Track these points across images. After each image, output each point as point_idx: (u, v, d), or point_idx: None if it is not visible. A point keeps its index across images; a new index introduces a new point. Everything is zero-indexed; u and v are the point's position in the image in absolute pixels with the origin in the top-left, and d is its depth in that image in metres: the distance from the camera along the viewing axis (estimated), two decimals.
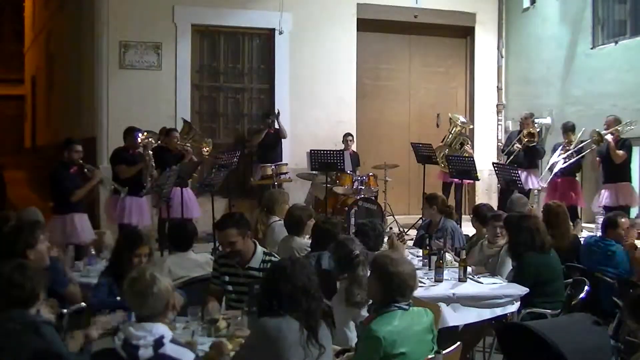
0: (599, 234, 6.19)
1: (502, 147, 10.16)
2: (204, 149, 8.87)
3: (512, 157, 9.61)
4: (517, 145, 9.61)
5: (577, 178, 9.14)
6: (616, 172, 8.41)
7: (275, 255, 4.75)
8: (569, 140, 8.95)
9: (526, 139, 9.56)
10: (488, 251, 5.72)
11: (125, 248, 4.38)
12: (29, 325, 3.22)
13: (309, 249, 5.51)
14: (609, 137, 8.32)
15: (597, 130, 8.45)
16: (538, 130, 9.88)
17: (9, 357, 3.16)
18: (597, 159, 8.59)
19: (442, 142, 10.48)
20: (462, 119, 10.69)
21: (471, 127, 11.31)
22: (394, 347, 3.39)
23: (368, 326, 3.47)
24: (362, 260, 4.17)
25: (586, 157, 8.89)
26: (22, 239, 4.25)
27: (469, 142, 10.55)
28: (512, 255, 5.32)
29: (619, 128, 8.38)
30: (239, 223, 4.40)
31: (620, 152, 8.29)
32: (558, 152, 9.02)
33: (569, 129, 9.04)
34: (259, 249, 4.51)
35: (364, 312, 3.92)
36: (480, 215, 6.20)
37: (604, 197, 8.41)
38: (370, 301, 3.75)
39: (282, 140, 10.39)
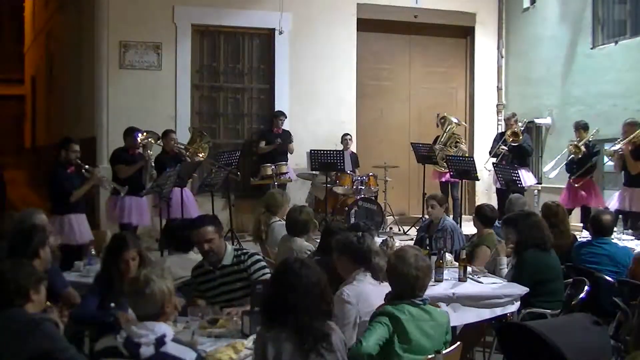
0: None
1: (489, 150, 10.13)
2: (200, 153, 8.87)
3: (499, 158, 9.64)
4: (503, 147, 9.63)
5: (593, 178, 8.99)
6: (634, 177, 8.15)
7: (246, 249, 4.79)
8: (580, 139, 8.88)
9: (511, 139, 9.57)
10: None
11: (111, 254, 4.32)
12: (29, 324, 3.24)
13: (309, 251, 5.52)
14: (623, 147, 8.09)
15: (610, 150, 8.28)
16: (522, 129, 9.86)
17: (12, 356, 3.17)
18: (620, 161, 8.29)
19: (434, 142, 10.45)
20: (454, 118, 10.70)
21: (464, 125, 11.30)
22: (400, 329, 3.50)
23: (378, 309, 3.61)
24: (377, 251, 4.25)
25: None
26: (38, 236, 4.26)
27: (463, 141, 10.58)
28: (516, 251, 5.31)
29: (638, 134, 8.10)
30: (214, 222, 4.52)
31: (638, 162, 8.03)
32: (567, 152, 8.99)
33: (581, 127, 8.92)
34: (229, 247, 4.59)
35: None
36: (482, 215, 6.18)
37: (617, 200, 8.29)
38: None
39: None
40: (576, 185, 8.84)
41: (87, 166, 7.36)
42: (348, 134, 10.64)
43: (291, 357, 3.10)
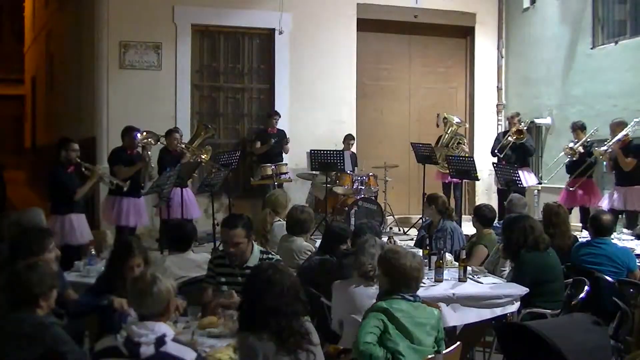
0: None
1: (490, 149, 10.16)
2: (202, 155, 8.87)
3: (502, 155, 9.65)
4: (510, 138, 9.63)
5: (592, 178, 9.02)
6: (627, 176, 8.29)
7: (273, 253, 4.76)
8: (578, 139, 8.90)
9: (515, 137, 9.59)
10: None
11: (116, 259, 4.29)
12: (39, 326, 3.26)
13: (309, 251, 5.52)
14: (615, 147, 8.24)
15: (601, 150, 8.38)
16: (525, 128, 9.89)
17: (22, 357, 3.19)
18: (610, 161, 8.49)
19: (437, 143, 10.48)
20: (456, 119, 10.70)
21: (466, 126, 11.32)
22: (396, 321, 3.56)
23: (372, 306, 3.70)
24: (367, 239, 4.41)
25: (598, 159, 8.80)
26: (38, 242, 4.20)
27: (465, 141, 10.59)
28: (507, 255, 5.34)
29: (628, 133, 8.26)
30: (247, 225, 4.42)
31: (629, 159, 8.20)
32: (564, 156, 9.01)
33: (578, 127, 8.98)
34: (256, 248, 4.54)
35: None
36: (481, 215, 6.19)
37: (613, 199, 8.36)
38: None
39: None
40: (571, 189, 8.84)
41: (87, 164, 7.36)
42: (351, 136, 10.64)
43: (276, 357, 3.12)
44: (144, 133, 8.20)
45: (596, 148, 8.62)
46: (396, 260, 3.70)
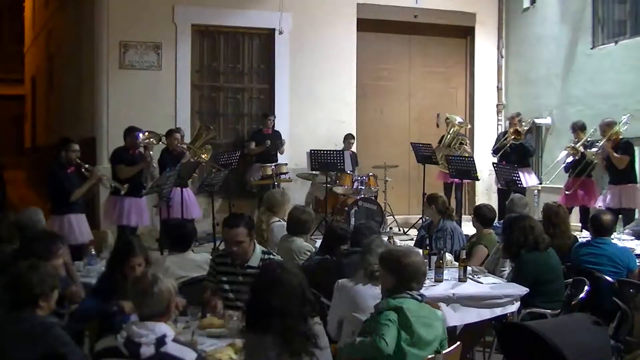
0: None
1: (491, 149, 10.17)
2: (202, 154, 8.88)
3: (501, 152, 9.65)
4: (510, 138, 9.64)
5: (592, 178, 9.02)
6: (621, 174, 8.37)
7: (274, 254, 4.76)
8: (578, 139, 8.93)
9: (512, 137, 9.59)
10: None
11: (117, 258, 4.28)
12: (40, 326, 3.26)
13: (308, 252, 5.52)
14: (605, 146, 8.32)
15: (592, 151, 8.50)
16: (527, 129, 9.88)
17: (23, 357, 3.19)
18: (604, 161, 8.53)
19: (439, 143, 10.50)
20: (459, 119, 10.70)
21: (469, 126, 11.32)
22: (404, 321, 3.55)
23: (382, 302, 3.68)
24: (374, 239, 4.46)
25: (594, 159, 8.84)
26: (44, 248, 4.17)
27: (467, 142, 10.59)
28: (507, 255, 5.35)
29: (619, 130, 8.36)
30: (248, 224, 4.42)
31: (619, 155, 8.27)
32: (565, 152, 9.01)
33: (578, 127, 8.98)
34: (258, 247, 4.53)
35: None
36: (481, 215, 6.19)
37: (608, 198, 8.39)
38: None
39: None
40: (567, 192, 8.84)
41: (87, 165, 7.37)
42: (351, 135, 10.64)
43: (278, 359, 3.11)
44: (146, 133, 8.21)
45: (588, 150, 8.64)
46: (403, 258, 3.69)
